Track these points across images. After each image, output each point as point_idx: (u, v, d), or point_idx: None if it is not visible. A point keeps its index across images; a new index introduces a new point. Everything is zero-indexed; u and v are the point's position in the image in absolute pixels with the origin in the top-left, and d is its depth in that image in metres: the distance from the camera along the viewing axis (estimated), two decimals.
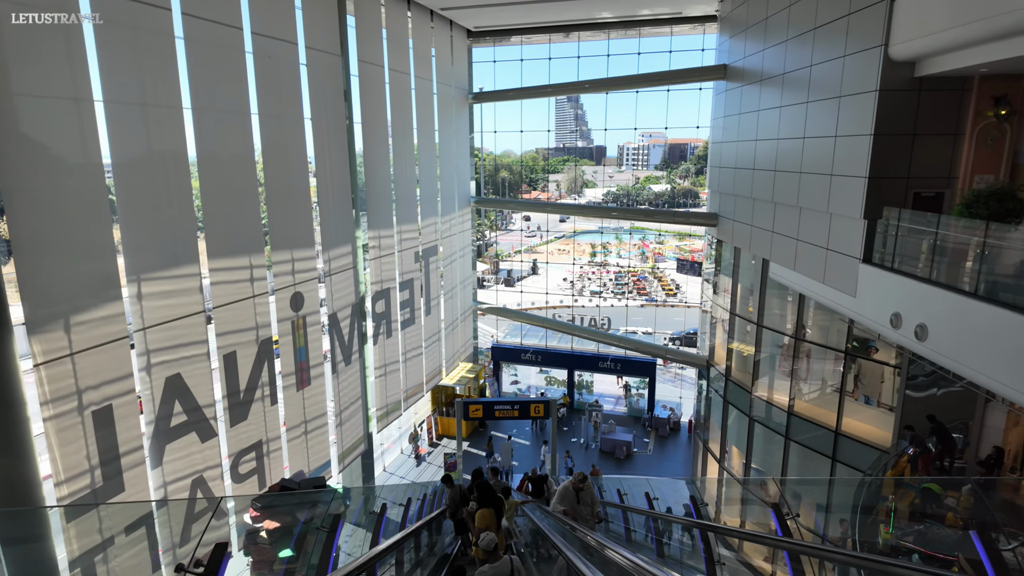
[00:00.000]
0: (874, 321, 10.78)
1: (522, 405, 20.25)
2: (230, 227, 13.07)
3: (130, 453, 10.81)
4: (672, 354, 23.07)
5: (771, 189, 14.98)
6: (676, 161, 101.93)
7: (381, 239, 18.93)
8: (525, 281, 48.74)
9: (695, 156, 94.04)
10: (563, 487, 8.98)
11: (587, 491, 8.88)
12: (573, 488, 8.91)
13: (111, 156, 10.42)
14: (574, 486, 8.91)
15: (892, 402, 14.19)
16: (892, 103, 10.54)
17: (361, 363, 18.10)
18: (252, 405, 13.88)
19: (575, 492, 8.87)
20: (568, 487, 8.94)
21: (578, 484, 8.89)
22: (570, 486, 8.93)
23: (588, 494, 8.91)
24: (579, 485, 8.87)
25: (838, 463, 14.76)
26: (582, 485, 8.87)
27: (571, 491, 8.87)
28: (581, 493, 8.85)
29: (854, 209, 11.25)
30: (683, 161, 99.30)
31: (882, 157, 10.76)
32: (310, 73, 15.43)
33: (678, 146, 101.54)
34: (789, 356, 15.90)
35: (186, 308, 11.93)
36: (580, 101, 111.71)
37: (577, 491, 8.85)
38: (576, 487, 8.89)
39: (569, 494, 8.85)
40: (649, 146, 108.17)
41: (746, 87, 17.03)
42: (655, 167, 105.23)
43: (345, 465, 17.53)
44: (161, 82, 11.07)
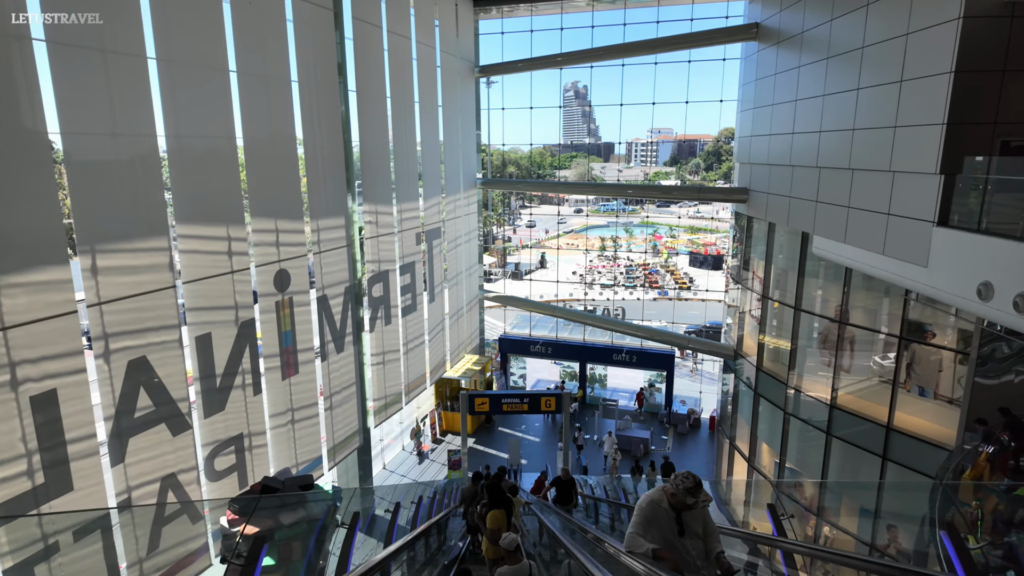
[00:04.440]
0: (953, 294, 9.11)
1: (532, 398, 18.69)
2: (201, 190, 11.52)
3: (78, 441, 9.29)
4: (695, 343, 21.39)
5: (815, 152, 13.31)
6: (685, 157, 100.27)
7: (379, 215, 17.35)
8: (533, 274, 47.16)
9: (704, 152, 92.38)
10: (647, 503, 4.59)
11: (698, 512, 4.55)
12: (671, 506, 4.51)
13: (56, 102, 8.90)
14: (674, 501, 4.48)
15: (952, 393, 12.54)
16: (978, 33, 8.85)
17: (356, 351, 16.53)
18: (231, 392, 12.35)
19: (673, 514, 4.50)
20: (658, 503, 4.54)
21: (683, 498, 4.41)
22: (663, 501, 4.53)
23: (699, 517, 4.56)
24: (685, 499, 4.42)
25: (890, 462, 13.11)
26: (692, 500, 4.41)
27: (666, 512, 4.51)
28: (687, 515, 4.52)
29: (927, 163, 9.58)
30: (692, 157, 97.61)
31: (964, 99, 9.08)
32: (297, 28, 13.87)
33: (687, 142, 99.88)
34: (832, 343, 14.23)
35: (152, 284, 10.40)
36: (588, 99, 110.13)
37: (678, 511, 4.50)
38: (678, 502, 4.47)
39: (661, 517, 4.50)
40: (658, 142, 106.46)
41: (782, 45, 15.34)
42: (664, 163, 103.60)
43: (337, 462, 15.98)
44: (120, 28, 9.53)
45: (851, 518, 12.89)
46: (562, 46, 23.67)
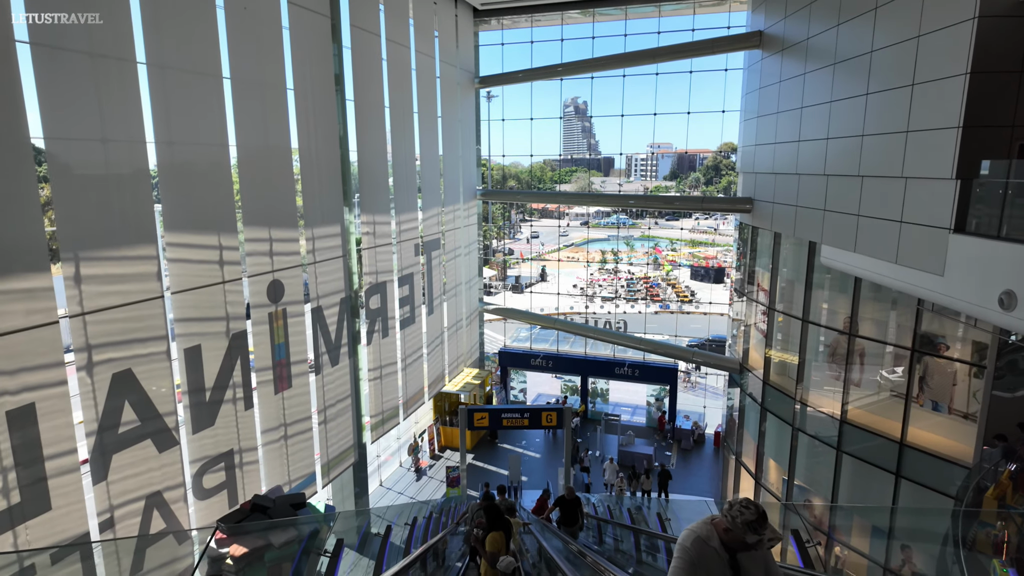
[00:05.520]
0: (972, 303, 8.72)
1: (532, 413, 18.21)
2: (193, 198, 11.18)
3: (57, 458, 8.86)
4: (700, 357, 20.95)
5: (822, 159, 13.00)
6: (685, 171, 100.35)
7: (377, 225, 17.01)
8: (534, 287, 46.80)
9: (704, 166, 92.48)
10: (692, 540, 3.34)
11: (760, 554, 3.38)
12: (724, 544, 3.31)
13: (40, 108, 8.61)
14: (729, 539, 3.30)
15: (967, 408, 12.11)
16: (993, 33, 8.56)
17: (352, 364, 16.11)
18: (221, 407, 11.93)
19: (727, 555, 3.31)
20: (706, 541, 3.32)
21: (742, 534, 3.21)
22: (714, 538, 3.33)
23: (761, 561, 3.40)
24: (745, 536, 3.21)
25: (904, 479, 12.64)
26: (755, 538, 3.19)
27: (716, 553, 3.30)
28: (744, 557, 3.33)
29: (942, 168, 9.24)
30: (692, 171, 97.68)
31: (979, 102, 8.77)
32: (293, 34, 13.63)
33: (687, 157, 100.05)
34: (841, 355, 13.81)
35: (140, 293, 10.04)
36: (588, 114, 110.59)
37: (733, 552, 3.31)
38: (733, 540, 3.28)
39: (711, 559, 3.29)
40: (658, 156, 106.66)
41: (787, 53, 15.10)
42: (664, 177, 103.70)
43: (331, 479, 15.49)
44: (110, 31, 9.26)
45: (862, 538, 12.41)
46: (562, 57, 23.52)
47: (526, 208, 70.73)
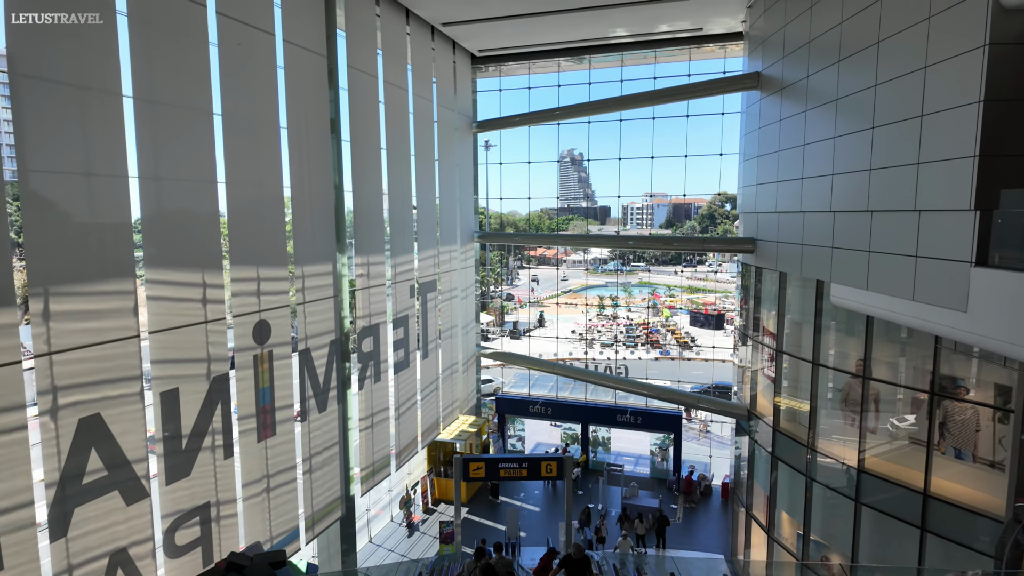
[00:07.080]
0: (1000, 340, 8.17)
1: (531, 463, 17.28)
2: (176, 234, 10.72)
3: (10, 512, 8.07)
4: (706, 403, 20.15)
5: (828, 196, 12.67)
6: (680, 220, 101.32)
7: (371, 266, 16.53)
8: (532, 333, 46.15)
9: (699, 215, 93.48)
10: None
11: None
12: None
13: (14, 139, 8.24)
14: None
15: (992, 455, 11.37)
16: (1005, 60, 8.32)
17: (341, 410, 15.33)
18: (199, 455, 11.14)
19: None
20: None
21: None
22: None
23: None
24: None
25: (929, 533, 11.77)
26: None
27: None
28: None
29: (959, 199, 8.85)
30: (688, 219, 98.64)
31: (994, 130, 8.45)
32: (288, 73, 13.50)
33: (682, 206, 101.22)
34: (856, 400, 13.13)
35: (113, 332, 9.44)
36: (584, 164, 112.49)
37: None
38: None
39: None
40: (653, 205, 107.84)
41: (786, 92, 15.02)
42: (660, 226, 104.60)
43: (316, 534, 14.48)
44: (95, 65, 9.02)
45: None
46: (559, 101, 23.63)
47: (524, 255, 70.78)
